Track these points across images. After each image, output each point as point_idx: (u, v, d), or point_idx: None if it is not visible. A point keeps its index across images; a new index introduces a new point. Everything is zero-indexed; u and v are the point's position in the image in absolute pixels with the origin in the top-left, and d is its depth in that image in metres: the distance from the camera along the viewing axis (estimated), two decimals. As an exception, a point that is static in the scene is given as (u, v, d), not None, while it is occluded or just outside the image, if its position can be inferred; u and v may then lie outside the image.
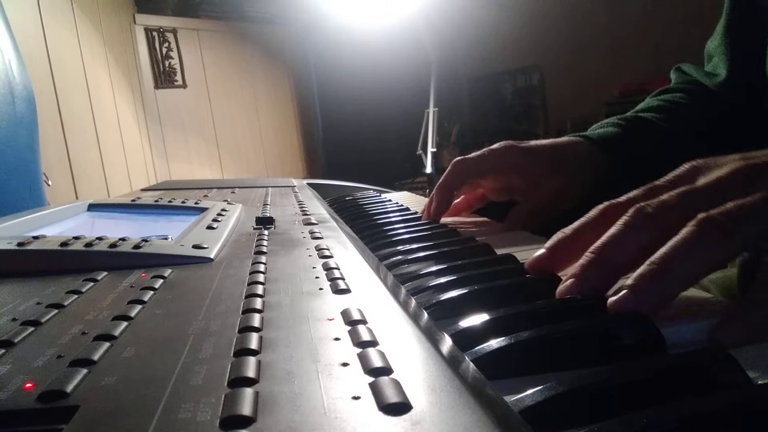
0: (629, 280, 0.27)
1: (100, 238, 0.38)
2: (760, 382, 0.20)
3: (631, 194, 0.33)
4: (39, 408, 0.17)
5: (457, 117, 3.43)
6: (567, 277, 0.30)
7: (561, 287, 0.30)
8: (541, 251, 0.34)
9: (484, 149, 0.59)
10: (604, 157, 0.58)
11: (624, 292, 0.27)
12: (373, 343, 0.21)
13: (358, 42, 2.77)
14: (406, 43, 2.77)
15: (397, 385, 0.17)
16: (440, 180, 0.59)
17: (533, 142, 0.59)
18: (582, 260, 0.30)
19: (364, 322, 0.23)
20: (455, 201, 0.63)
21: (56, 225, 0.51)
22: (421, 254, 0.42)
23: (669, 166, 0.37)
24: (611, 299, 0.27)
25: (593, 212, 0.33)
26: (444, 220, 0.61)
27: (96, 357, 0.20)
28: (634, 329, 0.25)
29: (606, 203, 0.33)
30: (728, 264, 0.28)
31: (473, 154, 0.58)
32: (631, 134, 0.60)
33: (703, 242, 0.26)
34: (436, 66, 2.77)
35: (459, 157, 0.59)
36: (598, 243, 0.30)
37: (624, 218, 0.30)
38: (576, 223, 0.34)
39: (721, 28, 0.65)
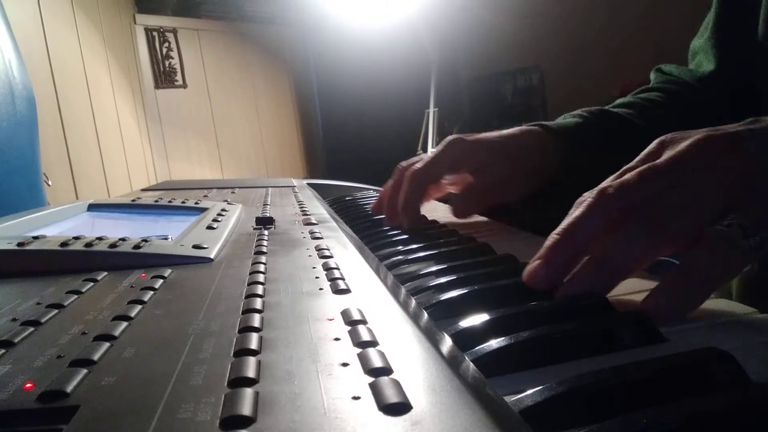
0: (577, 267, 0.29)
1: (100, 238, 0.38)
2: (760, 382, 0.20)
3: (610, 177, 0.33)
4: (39, 408, 0.17)
5: (457, 117, 3.43)
6: (533, 259, 0.31)
7: (527, 269, 0.31)
8: (537, 269, 0.33)
9: (434, 151, 0.58)
10: (559, 145, 0.58)
11: (570, 279, 0.29)
12: (373, 343, 0.21)
13: (358, 42, 2.77)
14: (406, 43, 2.77)
15: (397, 385, 0.17)
16: (403, 197, 0.55)
17: (482, 134, 0.59)
18: (547, 242, 0.31)
19: (364, 322, 0.23)
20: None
21: (56, 225, 0.51)
22: (421, 254, 0.42)
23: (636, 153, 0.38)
24: (566, 285, 0.29)
25: (574, 205, 0.34)
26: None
27: (96, 357, 0.20)
28: (635, 329, 0.25)
29: (585, 194, 0.33)
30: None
31: (422, 163, 0.56)
32: (593, 125, 0.60)
33: (645, 232, 0.28)
34: (436, 66, 2.77)
35: (412, 170, 0.56)
36: (563, 224, 0.31)
37: (587, 200, 0.31)
38: (566, 220, 0.34)
39: (709, 24, 0.65)
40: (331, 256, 0.36)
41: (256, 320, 0.23)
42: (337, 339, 0.21)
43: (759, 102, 0.58)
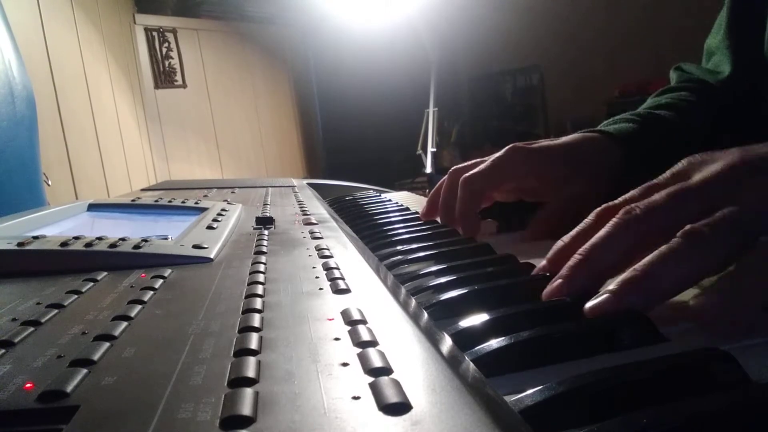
0: (612, 284, 0.27)
1: (100, 238, 0.38)
2: (760, 382, 0.20)
3: (627, 195, 0.33)
4: (39, 408, 0.17)
5: (457, 117, 3.43)
6: (555, 278, 0.30)
7: (548, 289, 0.29)
8: (543, 264, 0.33)
9: (492, 158, 0.54)
10: (621, 153, 0.54)
11: (605, 296, 0.26)
12: (373, 343, 0.21)
13: (358, 42, 2.77)
14: (406, 43, 2.77)
15: (397, 385, 0.17)
16: (459, 206, 0.53)
17: (543, 143, 0.55)
18: (570, 261, 0.30)
19: (364, 322, 0.23)
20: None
21: (56, 225, 0.51)
22: (421, 254, 0.42)
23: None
24: (591, 303, 0.27)
25: (590, 217, 0.33)
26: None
27: (96, 357, 0.20)
28: (635, 329, 0.25)
29: (603, 206, 0.33)
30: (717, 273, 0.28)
31: (480, 169, 0.53)
32: (648, 130, 0.57)
33: (687, 255, 0.26)
34: (436, 66, 2.77)
35: (467, 175, 0.53)
36: (587, 245, 0.30)
37: (614, 219, 0.30)
38: (574, 230, 0.33)
39: (722, 24, 0.63)
40: (331, 256, 0.36)
41: (256, 320, 0.23)
42: (337, 339, 0.21)
43: None
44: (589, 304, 0.27)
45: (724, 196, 0.28)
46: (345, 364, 0.19)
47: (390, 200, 0.81)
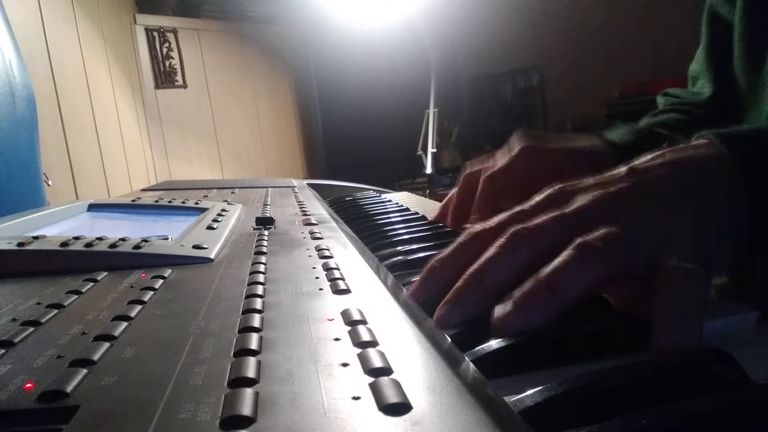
0: (513, 297, 0.27)
1: (100, 239, 0.38)
2: (760, 382, 0.20)
3: (499, 217, 0.33)
4: (39, 408, 0.17)
5: (457, 117, 3.43)
6: (443, 302, 0.29)
7: (437, 314, 0.28)
8: (414, 285, 0.32)
9: (508, 158, 0.54)
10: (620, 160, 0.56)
11: (510, 309, 0.26)
12: (373, 344, 0.21)
13: (358, 42, 2.77)
14: (406, 44, 2.77)
15: (397, 385, 0.17)
16: (477, 200, 0.54)
17: (556, 144, 0.56)
18: (459, 283, 0.29)
19: (364, 322, 0.23)
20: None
21: (56, 225, 0.51)
22: (422, 255, 0.42)
23: None
24: (496, 317, 0.27)
25: (464, 237, 0.33)
26: None
27: (96, 357, 0.20)
28: (634, 330, 0.25)
29: (477, 227, 0.33)
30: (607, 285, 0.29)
31: (499, 167, 0.54)
32: (649, 145, 0.58)
33: (583, 263, 0.27)
34: (436, 66, 2.77)
35: (489, 173, 0.54)
36: (476, 266, 0.30)
37: (501, 240, 0.30)
38: (447, 251, 0.33)
39: (702, 51, 0.67)
40: (331, 256, 0.36)
41: (256, 320, 0.23)
42: (337, 339, 0.21)
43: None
44: (495, 317, 0.27)
45: (607, 220, 0.29)
46: (345, 365, 0.19)
47: (390, 201, 0.81)
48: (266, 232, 0.46)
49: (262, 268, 0.33)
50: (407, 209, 0.70)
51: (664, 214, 0.29)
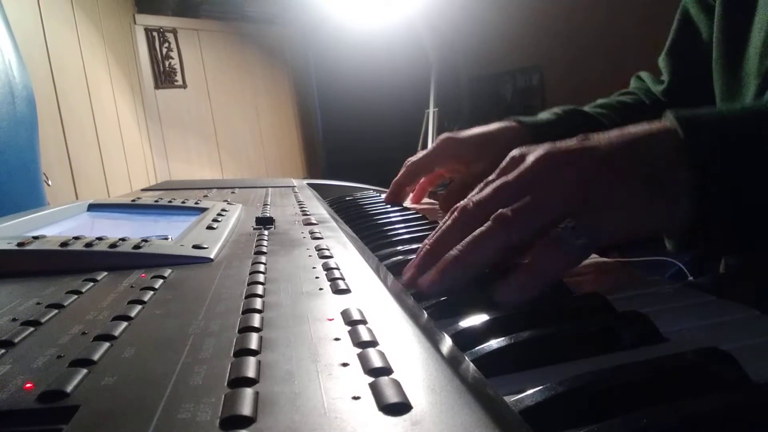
0: (439, 263, 0.33)
1: (100, 238, 0.38)
2: (760, 382, 0.20)
3: (473, 192, 0.38)
4: (39, 408, 0.17)
5: (457, 117, 3.43)
6: (405, 269, 0.36)
7: (403, 275, 0.35)
8: (410, 272, 0.36)
9: (430, 147, 0.71)
10: (533, 139, 0.64)
11: (431, 272, 0.33)
12: (373, 343, 0.21)
13: (358, 42, 2.77)
14: (406, 44, 2.77)
15: (397, 385, 0.17)
16: (396, 178, 0.72)
17: (469, 131, 0.69)
18: (419, 252, 0.36)
19: (364, 322, 0.23)
20: (416, 188, 0.77)
21: (56, 225, 0.51)
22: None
23: None
24: (421, 279, 0.33)
25: (447, 216, 0.38)
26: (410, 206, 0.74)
27: (96, 357, 0.20)
28: (635, 329, 0.25)
29: (456, 206, 0.38)
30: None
31: (420, 154, 0.71)
32: (565, 122, 0.68)
33: (492, 234, 0.32)
34: (436, 66, 2.77)
35: (410, 159, 0.71)
36: (431, 238, 0.36)
37: (452, 215, 0.36)
38: (434, 232, 0.38)
39: (668, 45, 0.73)
40: (331, 256, 0.36)
41: (256, 320, 0.23)
42: (337, 339, 0.21)
43: None
44: (420, 280, 0.33)
45: (535, 185, 0.33)
46: (345, 364, 0.19)
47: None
48: (266, 232, 0.46)
49: (262, 268, 0.33)
50: (407, 209, 0.70)
51: (584, 183, 0.32)
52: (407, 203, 0.77)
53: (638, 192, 0.32)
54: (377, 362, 0.19)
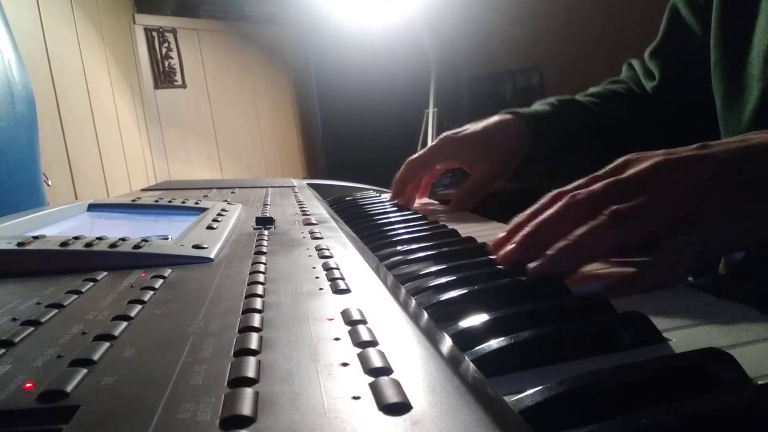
0: (550, 250, 0.34)
1: (100, 238, 0.38)
2: (760, 382, 0.20)
3: (575, 183, 0.39)
4: (39, 408, 0.17)
5: (457, 117, 3.43)
6: (496, 242, 0.39)
7: (503, 252, 0.37)
8: (501, 234, 0.40)
9: (429, 146, 0.72)
10: (532, 131, 0.68)
11: (542, 259, 0.34)
12: (373, 343, 0.21)
13: (358, 42, 2.76)
14: (406, 44, 2.77)
15: (397, 385, 0.17)
16: (397, 176, 0.73)
17: (468, 130, 0.71)
18: (523, 231, 0.37)
19: (364, 322, 0.23)
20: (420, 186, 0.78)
21: (56, 225, 0.51)
22: (421, 254, 0.42)
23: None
24: (532, 264, 0.34)
25: (545, 198, 0.39)
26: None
27: (96, 357, 0.20)
28: (635, 329, 0.25)
29: (556, 190, 0.39)
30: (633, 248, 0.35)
31: (419, 153, 0.72)
32: (562, 113, 0.70)
33: (609, 227, 0.33)
34: (436, 66, 2.76)
35: (410, 158, 0.72)
36: (538, 219, 0.37)
37: (560, 202, 0.37)
38: (530, 208, 0.40)
39: (657, 42, 0.74)
40: (331, 256, 0.36)
41: (256, 320, 0.23)
42: (337, 339, 0.21)
43: (698, 116, 0.65)
44: (530, 265, 0.34)
45: (648, 188, 0.33)
46: (345, 364, 0.19)
47: (390, 200, 0.81)
48: (266, 232, 0.46)
49: (262, 267, 0.33)
50: (407, 209, 0.70)
51: (703, 190, 0.32)
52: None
53: (756, 201, 0.32)
54: (377, 362, 0.19)
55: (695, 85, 0.65)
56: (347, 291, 0.28)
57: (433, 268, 0.37)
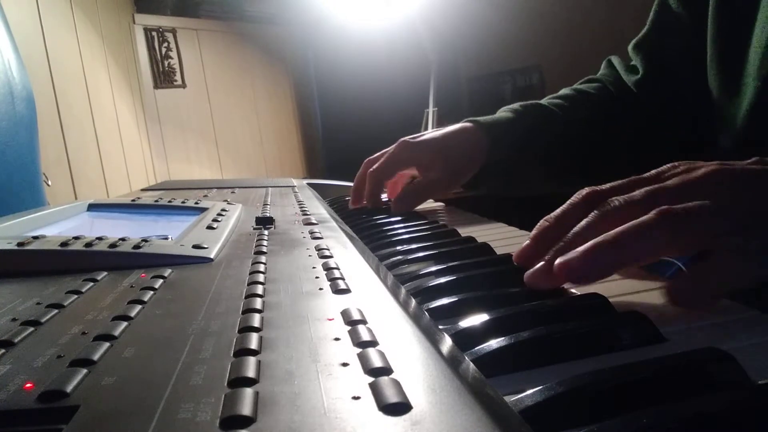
0: (582, 246, 0.29)
1: (100, 238, 0.38)
2: (760, 382, 0.20)
3: (614, 183, 0.35)
4: (39, 408, 0.17)
5: (457, 117, 3.43)
6: (537, 262, 0.33)
7: (531, 271, 0.32)
8: (527, 242, 0.36)
9: (387, 153, 0.72)
10: (490, 139, 0.68)
11: (575, 254, 0.29)
12: (373, 343, 0.21)
13: (358, 42, 2.77)
14: (406, 44, 2.77)
15: (397, 385, 0.17)
16: (368, 193, 0.72)
17: (425, 136, 0.71)
18: (558, 246, 0.32)
19: (364, 322, 0.23)
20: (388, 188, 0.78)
21: (56, 225, 0.51)
22: (421, 254, 0.42)
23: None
24: (560, 259, 0.29)
25: (575, 198, 0.36)
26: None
27: (96, 357, 0.20)
28: (635, 329, 0.25)
29: (588, 189, 0.35)
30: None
31: (380, 163, 0.71)
32: (521, 121, 0.70)
33: (655, 227, 0.28)
34: (436, 66, 2.76)
35: (370, 171, 0.71)
36: (574, 230, 0.33)
37: (596, 210, 0.33)
38: (558, 211, 0.36)
39: (644, 34, 0.73)
40: (331, 256, 0.36)
41: (256, 320, 0.23)
42: (337, 339, 0.21)
43: (683, 108, 0.65)
44: (559, 260, 0.29)
45: (705, 194, 0.30)
46: (345, 364, 0.19)
47: (390, 200, 0.81)
48: (266, 232, 0.46)
49: (262, 267, 0.33)
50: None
51: (758, 201, 0.29)
52: (384, 198, 0.78)
53: None
54: (377, 362, 0.19)
55: (681, 77, 0.64)
56: (347, 291, 0.28)
57: (433, 268, 0.37)
